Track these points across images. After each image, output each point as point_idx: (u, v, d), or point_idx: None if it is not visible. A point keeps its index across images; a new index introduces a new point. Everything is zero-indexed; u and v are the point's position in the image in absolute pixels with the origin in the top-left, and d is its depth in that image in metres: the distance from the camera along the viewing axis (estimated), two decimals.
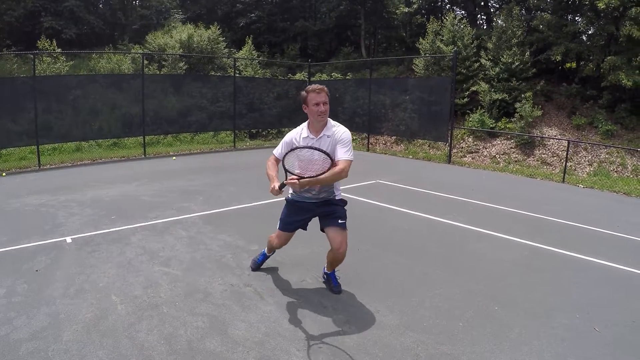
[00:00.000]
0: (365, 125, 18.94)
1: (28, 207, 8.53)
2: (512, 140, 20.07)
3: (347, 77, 25.19)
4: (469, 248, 6.99)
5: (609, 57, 18.60)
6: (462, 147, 20.64)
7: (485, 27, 28.34)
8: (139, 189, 10.19)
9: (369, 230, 7.58)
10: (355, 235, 7.28)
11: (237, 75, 21.22)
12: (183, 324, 4.32)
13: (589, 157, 18.57)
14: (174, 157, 15.37)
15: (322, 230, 4.84)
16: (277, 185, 4.33)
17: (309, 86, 4.51)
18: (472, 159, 19.78)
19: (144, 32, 28.73)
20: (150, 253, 6.13)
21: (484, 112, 20.63)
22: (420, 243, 7.10)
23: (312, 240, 6.89)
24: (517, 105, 20.00)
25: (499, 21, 23.30)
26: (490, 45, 21.95)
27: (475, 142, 20.81)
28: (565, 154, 16.12)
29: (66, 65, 20.31)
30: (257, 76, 23.58)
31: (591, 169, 17.98)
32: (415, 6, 28.67)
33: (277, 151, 4.77)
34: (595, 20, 19.93)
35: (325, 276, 5.33)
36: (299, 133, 4.66)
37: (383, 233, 7.58)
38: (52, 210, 8.26)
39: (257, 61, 25.53)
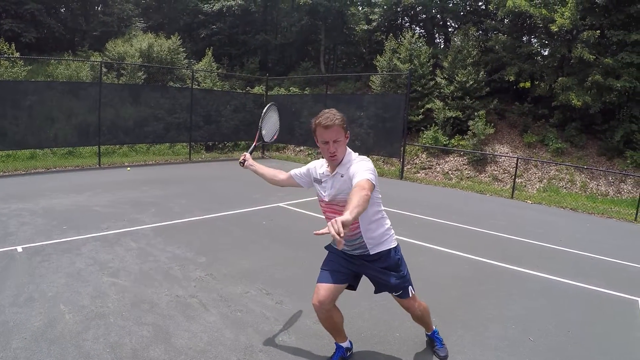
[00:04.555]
0: None
1: None
2: (464, 157, 20.61)
3: (305, 92, 25.49)
4: (411, 261, 7.14)
5: (560, 78, 19.38)
6: (415, 163, 21.10)
7: (442, 46, 29.01)
8: (92, 199, 10.21)
9: (313, 243, 7.78)
10: (300, 248, 7.58)
11: (196, 86, 21.29)
12: (128, 333, 4.43)
13: (539, 174, 19.24)
14: (129, 168, 15.34)
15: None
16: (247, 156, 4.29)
17: (320, 114, 3.61)
18: (425, 174, 20.25)
19: (104, 39, 28.50)
20: (100, 264, 6.21)
21: (438, 129, 21.17)
22: None
23: (258, 253, 7.15)
24: (471, 123, 20.61)
25: (457, 40, 23.94)
26: (446, 64, 22.59)
27: (428, 159, 21.30)
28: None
29: (24, 70, 20.04)
30: (215, 88, 23.66)
31: (541, 185, 18.62)
32: (375, 24, 29.16)
33: (295, 171, 4.16)
34: (549, 42, 20.73)
35: (426, 337, 4.66)
36: (320, 165, 3.94)
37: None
38: (3, 218, 8.22)
39: (216, 73, 25.62)
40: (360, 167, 3.49)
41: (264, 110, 4.64)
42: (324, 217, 3.96)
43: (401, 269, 4.00)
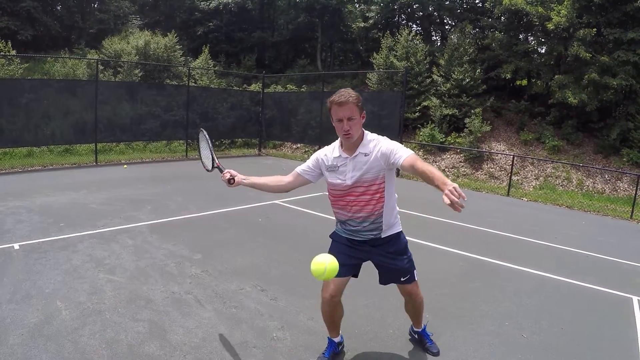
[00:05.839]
0: (318, 138, 19.02)
1: None
2: (461, 155, 20.65)
3: (302, 90, 25.51)
4: None
5: (557, 76, 19.46)
6: None
7: (439, 44, 29.04)
8: (89, 196, 10.20)
9: (308, 240, 7.85)
10: (295, 245, 7.62)
11: (193, 84, 21.26)
12: (124, 329, 4.46)
13: (536, 172, 19.28)
14: (125, 166, 15.33)
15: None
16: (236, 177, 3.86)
17: (335, 93, 3.53)
18: None
19: (101, 37, 28.37)
20: (96, 261, 6.23)
21: (434, 126, 21.20)
22: None
23: (254, 250, 7.17)
24: (467, 120, 20.64)
25: (454, 38, 23.99)
26: (442, 61, 22.61)
27: (425, 156, 21.32)
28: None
29: (20, 68, 19.97)
30: (212, 86, 23.64)
31: (537, 182, 18.67)
32: (371, 21, 29.18)
33: (302, 168, 3.98)
34: (545, 40, 20.80)
35: (414, 334, 4.59)
36: (330, 150, 3.77)
37: (322, 243, 7.80)
38: (0, 216, 8.23)
39: (212, 71, 25.60)
40: (395, 144, 3.52)
41: (206, 139, 4.45)
42: (333, 208, 3.93)
43: (408, 252, 3.99)
